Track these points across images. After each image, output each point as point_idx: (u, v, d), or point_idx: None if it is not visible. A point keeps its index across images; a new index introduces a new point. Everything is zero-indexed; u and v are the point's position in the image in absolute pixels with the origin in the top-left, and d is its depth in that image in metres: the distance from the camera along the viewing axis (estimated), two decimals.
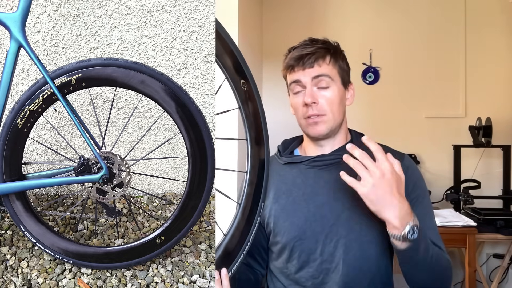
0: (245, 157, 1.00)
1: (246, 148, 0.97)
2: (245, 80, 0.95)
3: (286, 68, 1.11)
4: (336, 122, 1.09)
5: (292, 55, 1.09)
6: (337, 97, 1.07)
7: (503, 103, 2.70)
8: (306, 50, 1.06)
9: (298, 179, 1.10)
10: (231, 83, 0.93)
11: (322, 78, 1.06)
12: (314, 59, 1.06)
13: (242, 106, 0.96)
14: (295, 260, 1.06)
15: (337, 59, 1.09)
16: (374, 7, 2.85)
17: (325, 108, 1.06)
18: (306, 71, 1.06)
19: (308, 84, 1.06)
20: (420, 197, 1.06)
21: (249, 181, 0.98)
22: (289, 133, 1.29)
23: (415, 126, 2.78)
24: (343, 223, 1.03)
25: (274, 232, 1.10)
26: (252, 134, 0.97)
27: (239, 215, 0.97)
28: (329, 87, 1.07)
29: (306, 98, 1.06)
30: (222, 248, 0.94)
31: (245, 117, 0.96)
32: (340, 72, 1.09)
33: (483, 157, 2.66)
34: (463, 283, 2.46)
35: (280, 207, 1.09)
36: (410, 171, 1.07)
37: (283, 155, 1.17)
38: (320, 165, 1.10)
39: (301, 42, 1.11)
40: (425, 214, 1.05)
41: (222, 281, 0.94)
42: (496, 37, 2.73)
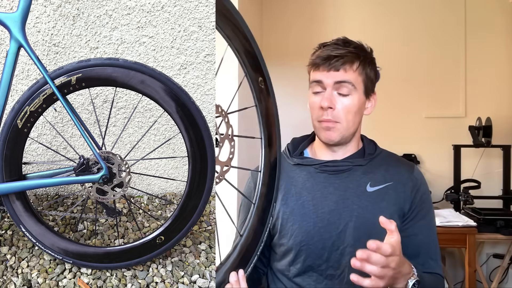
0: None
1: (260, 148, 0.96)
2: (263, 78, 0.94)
3: (311, 65, 1.06)
4: (349, 131, 1.06)
5: (320, 53, 1.04)
6: (355, 106, 1.04)
7: (503, 103, 2.70)
8: (335, 51, 1.02)
9: (308, 183, 1.09)
10: (249, 80, 0.91)
11: (345, 85, 1.02)
12: (342, 62, 1.02)
13: (258, 104, 0.94)
14: (299, 263, 1.05)
15: (365, 67, 1.05)
16: (374, 7, 2.84)
17: (341, 115, 1.03)
18: (330, 73, 1.02)
19: (329, 87, 1.03)
20: (425, 210, 1.06)
21: (262, 181, 0.96)
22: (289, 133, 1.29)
23: (415, 126, 2.78)
24: (351, 231, 1.02)
25: (280, 233, 1.09)
26: (266, 133, 0.96)
27: (253, 215, 0.96)
28: (350, 95, 1.03)
29: (323, 102, 1.02)
30: (238, 249, 0.93)
31: (260, 116, 0.94)
32: (365, 81, 1.06)
33: (483, 157, 2.66)
34: (463, 283, 2.46)
35: (289, 210, 1.08)
36: (419, 184, 1.07)
37: (293, 155, 1.14)
38: (330, 171, 1.08)
39: (333, 41, 1.06)
40: (428, 228, 1.05)
41: (240, 282, 0.93)
42: (496, 37, 2.73)
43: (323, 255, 1.03)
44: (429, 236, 1.05)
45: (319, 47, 1.07)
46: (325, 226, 1.04)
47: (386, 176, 1.07)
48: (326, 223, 1.04)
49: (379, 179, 1.06)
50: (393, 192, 1.05)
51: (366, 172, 1.07)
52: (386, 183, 1.05)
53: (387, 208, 1.03)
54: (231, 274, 0.92)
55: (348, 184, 1.06)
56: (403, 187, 1.06)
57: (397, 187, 1.05)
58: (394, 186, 1.05)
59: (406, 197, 1.05)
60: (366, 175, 1.07)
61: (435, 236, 1.08)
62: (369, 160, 1.09)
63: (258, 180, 0.96)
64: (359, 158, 1.09)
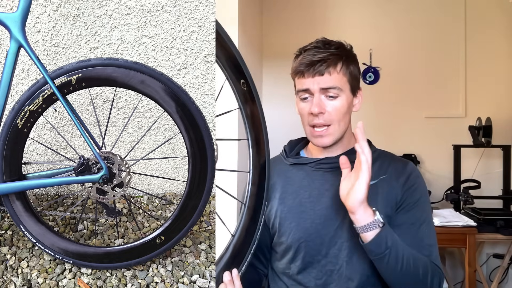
0: (245, 157, 1.00)
1: (248, 149, 0.97)
2: (245, 80, 0.95)
3: (296, 73, 1.07)
4: (342, 131, 1.08)
5: (302, 60, 1.04)
6: (345, 107, 1.05)
7: (503, 103, 2.70)
8: (317, 56, 1.02)
9: (304, 181, 1.10)
10: (231, 83, 0.93)
11: (331, 90, 1.03)
12: (325, 66, 1.02)
13: (242, 106, 0.96)
14: (299, 261, 1.06)
15: (348, 66, 1.06)
16: (374, 7, 2.84)
17: (332, 118, 1.04)
18: (315, 78, 1.03)
19: (316, 93, 1.04)
20: (418, 200, 1.06)
21: (252, 181, 0.98)
22: (288, 133, 1.29)
23: (415, 126, 2.78)
24: (348, 226, 1.03)
25: (279, 232, 1.10)
26: (253, 134, 0.97)
27: (245, 215, 0.97)
28: (338, 96, 1.04)
29: (313, 108, 1.03)
30: (231, 249, 0.94)
31: (245, 118, 0.96)
32: (350, 80, 1.06)
33: (483, 157, 2.66)
34: (463, 283, 2.46)
35: (287, 209, 1.09)
36: (411, 176, 1.07)
37: (289, 156, 1.16)
38: (326, 168, 1.09)
39: (313, 44, 1.06)
40: (421, 217, 1.05)
41: (234, 281, 0.93)
42: (496, 37, 2.73)
43: (321, 250, 1.04)
44: (422, 225, 1.04)
45: (300, 52, 1.07)
46: (322, 223, 1.05)
47: (380, 170, 1.07)
48: (324, 219, 1.05)
49: (373, 173, 1.06)
50: (387, 185, 1.05)
51: None
52: (380, 176, 1.06)
53: (381, 200, 1.04)
54: (224, 274, 0.93)
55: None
56: (396, 180, 1.06)
57: (391, 180, 1.06)
58: (388, 179, 1.06)
59: (398, 189, 1.06)
60: None
61: (430, 226, 1.06)
62: None
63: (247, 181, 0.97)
64: (353, 154, 1.10)
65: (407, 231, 1.03)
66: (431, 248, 1.04)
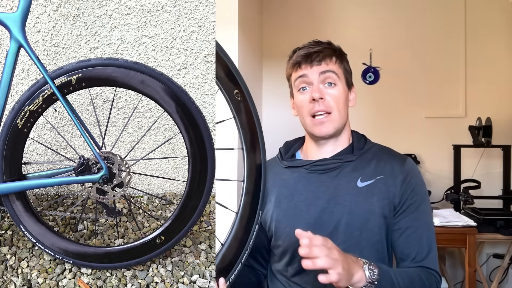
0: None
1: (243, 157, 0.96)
2: (239, 90, 0.94)
3: (293, 66, 1.11)
4: (342, 122, 1.09)
5: (299, 54, 1.09)
6: (343, 96, 1.08)
7: (503, 103, 2.70)
8: (313, 49, 1.08)
9: (299, 184, 1.10)
10: (224, 93, 0.92)
11: (329, 75, 1.07)
12: (322, 57, 1.07)
13: (237, 116, 0.94)
14: (296, 263, 1.06)
15: (342, 60, 1.11)
16: (374, 7, 2.84)
17: (332, 105, 1.06)
18: (313, 68, 1.07)
19: (315, 81, 1.07)
20: (417, 203, 1.05)
21: (246, 190, 0.96)
22: (288, 133, 1.29)
23: (415, 126, 2.78)
24: (343, 228, 1.03)
25: (275, 236, 1.10)
26: (247, 144, 0.96)
27: (236, 224, 0.96)
28: (336, 84, 1.07)
29: (314, 93, 1.06)
30: (220, 258, 0.93)
31: (240, 127, 0.95)
32: (344, 73, 1.11)
33: (483, 157, 2.66)
34: (463, 283, 2.46)
35: (282, 212, 1.09)
36: (409, 176, 1.06)
37: (284, 158, 1.17)
38: (321, 170, 1.09)
39: (305, 44, 1.12)
40: (420, 221, 1.04)
41: None
42: (496, 37, 2.73)
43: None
44: (421, 229, 1.03)
45: (294, 52, 1.12)
46: (317, 225, 1.04)
47: (377, 170, 1.07)
48: (319, 222, 1.05)
49: (369, 173, 1.06)
50: (383, 186, 1.05)
51: (356, 167, 1.08)
52: (377, 177, 1.05)
53: (377, 202, 1.03)
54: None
55: (338, 182, 1.06)
56: (393, 180, 1.05)
57: (388, 181, 1.05)
58: (384, 179, 1.05)
59: (396, 190, 1.04)
60: (357, 171, 1.07)
61: (429, 230, 1.06)
62: (359, 155, 1.10)
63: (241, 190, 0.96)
64: (348, 154, 1.10)
65: (407, 235, 1.03)
66: (430, 251, 1.03)
